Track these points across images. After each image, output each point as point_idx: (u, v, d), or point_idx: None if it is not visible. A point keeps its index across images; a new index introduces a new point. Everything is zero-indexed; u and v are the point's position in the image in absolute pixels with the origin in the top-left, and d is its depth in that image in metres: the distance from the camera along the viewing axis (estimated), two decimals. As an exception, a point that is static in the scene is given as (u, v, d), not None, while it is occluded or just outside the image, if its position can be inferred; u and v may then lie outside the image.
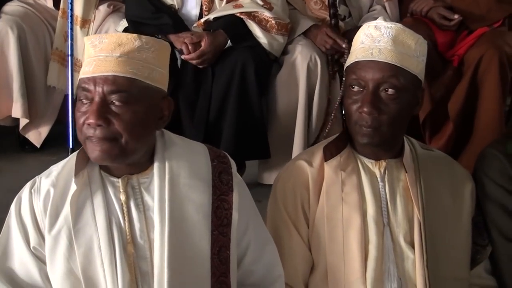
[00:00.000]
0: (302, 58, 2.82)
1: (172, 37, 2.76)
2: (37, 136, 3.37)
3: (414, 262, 1.89)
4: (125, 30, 2.87)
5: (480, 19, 2.97)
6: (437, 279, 1.88)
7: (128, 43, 1.64)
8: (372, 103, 1.84)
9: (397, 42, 1.87)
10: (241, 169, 2.99)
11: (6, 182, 3.03)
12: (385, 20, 1.93)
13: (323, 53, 2.87)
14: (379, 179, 1.94)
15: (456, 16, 2.95)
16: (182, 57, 2.74)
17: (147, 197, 1.72)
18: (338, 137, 2.00)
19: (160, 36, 2.74)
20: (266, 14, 2.83)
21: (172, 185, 1.71)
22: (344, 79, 2.02)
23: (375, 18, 2.82)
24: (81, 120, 1.64)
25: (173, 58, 2.71)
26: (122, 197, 1.70)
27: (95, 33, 3.24)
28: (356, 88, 1.88)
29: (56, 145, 3.38)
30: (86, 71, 1.65)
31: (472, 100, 2.80)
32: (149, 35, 2.69)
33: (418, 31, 2.79)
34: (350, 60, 1.93)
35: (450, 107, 2.81)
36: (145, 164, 1.74)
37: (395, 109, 1.86)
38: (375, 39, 1.88)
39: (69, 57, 3.17)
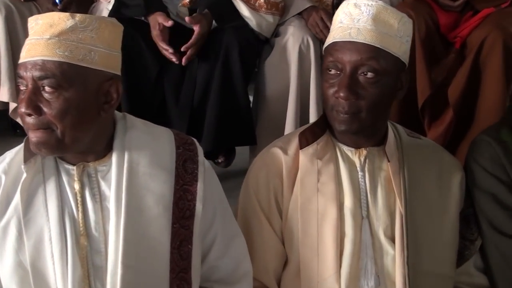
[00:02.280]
0: (293, 40, 2.68)
1: (150, 21, 2.63)
2: (27, 120, 3.28)
3: (394, 258, 1.77)
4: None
5: (487, -2, 2.80)
6: (417, 277, 1.75)
7: (59, 23, 1.52)
8: (349, 88, 1.71)
9: (377, 21, 1.73)
10: (230, 156, 2.88)
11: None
12: (367, -3, 1.79)
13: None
14: (358, 168, 1.81)
15: (460, -4, 2.78)
16: (183, 59, 2.59)
17: (104, 187, 1.62)
18: (316, 123, 1.87)
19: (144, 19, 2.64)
20: (254, -8, 2.70)
21: (130, 174, 1.60)
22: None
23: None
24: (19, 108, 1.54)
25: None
26: (76, 186, 1.60)
27: (89, 12, 3.13)
28: (333, 71, 1.75)
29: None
30: (21, 57, 1.55)
31: (473, 85, 2.63)
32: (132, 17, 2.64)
33: (420, 11, 2.72)
34: (328, 40, 1.80)
35: (450, 92, 2.65)
36: (103, 151, 1.63)
37: (375, 93, 1.72)
38: (354, 18, 1.75)
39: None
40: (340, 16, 1.78)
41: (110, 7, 2.78)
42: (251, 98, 2.85)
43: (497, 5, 2.79)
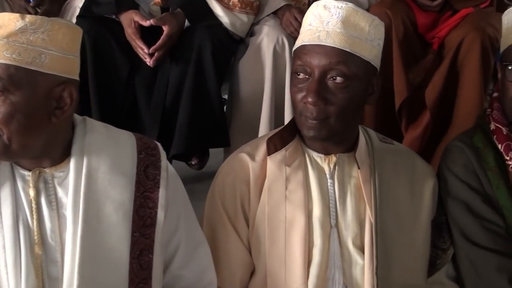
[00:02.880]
0: (268, 40, 2.62)
1: (122, 19, 2.56)
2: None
3: (363, 268, 1.72)
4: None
5: (466, -2, 2.75)
6: (387, 287, 1.70)
7: (9, 24, 1.45)
8: (318, 93, 1.65)
9: (347, 24, 1.67)
10: (204, 158, 2.83)
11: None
12: (338, -2, 1.73)
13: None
14: (328, 175, 1.76)
15: (439, -5, 2.72)
16: (150, 61, 2.53)
17: (61, 194, 1.55)
18: (285, 128, 1.82)
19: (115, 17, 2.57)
20: (228, -10, 2.64)
21: (88, 180, 1.54)
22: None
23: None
24: None
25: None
26: (31, 193, 1.53)
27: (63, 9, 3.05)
28: (301, 75, 1.70)
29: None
30: None
31: (451, 86, 2.59)
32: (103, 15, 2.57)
33: (397, 11, 2.67)
34: (297, 43, 1.74)
35: (427, 94, 2.60)
36: (60, 156, 1.57)
37: (344, 99, 1.67)
38: (324, 21, 1.69)
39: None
40: (310, 18, 1.73)
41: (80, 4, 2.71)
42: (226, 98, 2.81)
43: (476, 5, 2.74)
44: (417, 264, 1.77)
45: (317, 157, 1.77)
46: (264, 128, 2.63)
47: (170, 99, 2.55)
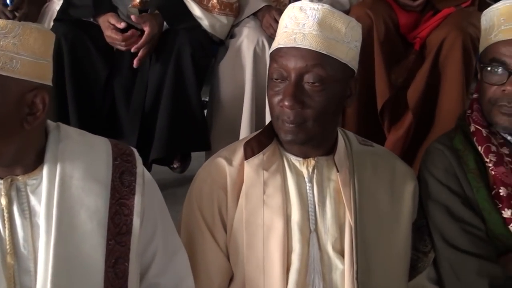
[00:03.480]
0: (248, 42, 2.60)
1: (100, 23, 2.54)
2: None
3: (343, 273, 1.69)
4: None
5: (447, -3, 2.74)
6: (368, 292, 1.68)
7: None
8: (294, 96, 1.63)
9: (323, 26, 1.65)
10: (186, 161, 2.81)
11: None
12: (312, 0, 1.71)
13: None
14: (306, 179, 1.73)
15: (421, -5, 2.71)
16: (134, 61, 2.51)
17: (34, 202, 1.52)
18: (262, 132, 1.79)
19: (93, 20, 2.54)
20: (207, -9, 2.62)
21: (62, 188, 1.51)
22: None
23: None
24: None
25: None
26: (3, 201, 1.50)
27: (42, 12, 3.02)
28: (278, 79, 1.67)
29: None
30: None
31: (433, 87, 2.58)
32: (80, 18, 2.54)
33: (379, 11, 2.65)
34: (273, 46, 1.72)
35: (409, 94, 2.59)
36: (33, 164, 1.54)
37: (321, 102, 1.65)
38: (300, 23, 1.67)
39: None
40: (285, 20, 1.70)
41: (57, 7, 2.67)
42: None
43: (458, 5, 2.73)
44: (398, 268, 1.75)
45: (296, 160, 1.75)
46: (245, 131, 2.60)
47: (149, 102, 2.53)
